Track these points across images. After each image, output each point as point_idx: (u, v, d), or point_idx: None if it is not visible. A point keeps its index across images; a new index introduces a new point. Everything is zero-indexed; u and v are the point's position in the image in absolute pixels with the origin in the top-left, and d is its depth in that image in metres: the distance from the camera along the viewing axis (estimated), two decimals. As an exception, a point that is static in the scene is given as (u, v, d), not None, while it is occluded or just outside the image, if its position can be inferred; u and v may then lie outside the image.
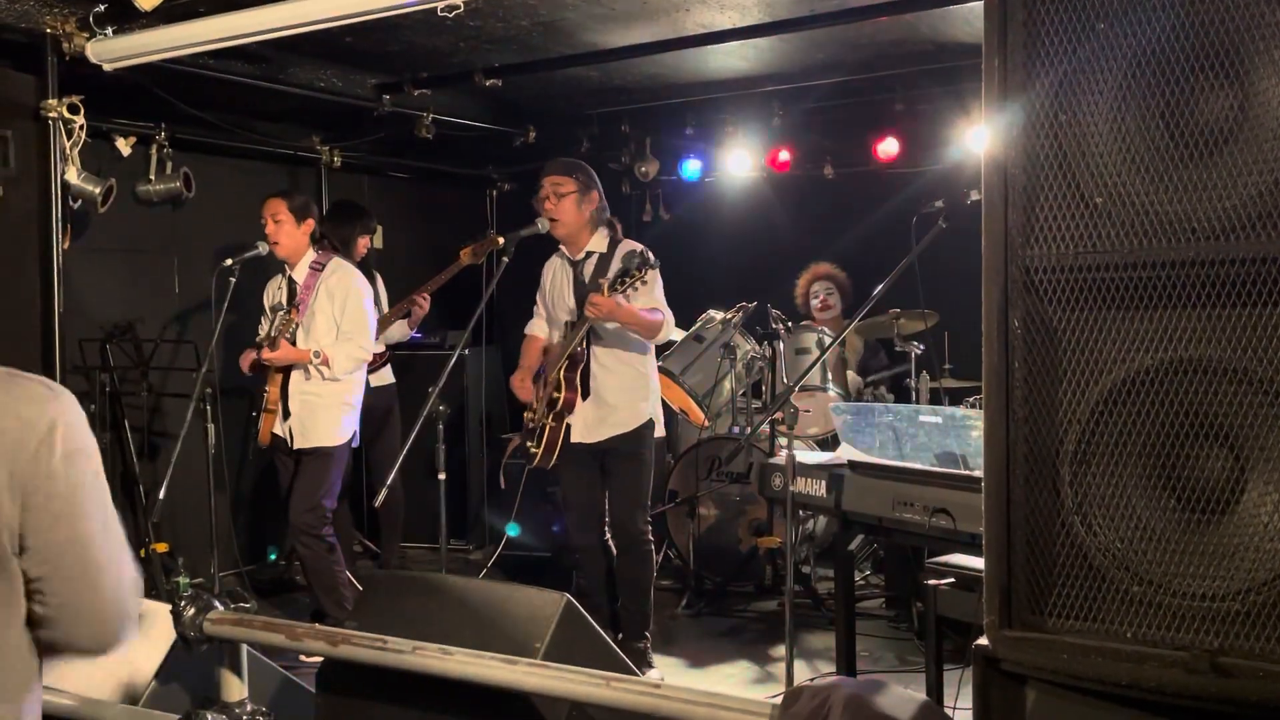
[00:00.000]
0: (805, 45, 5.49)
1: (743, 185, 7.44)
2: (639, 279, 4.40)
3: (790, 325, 6.06)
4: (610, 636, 2.80)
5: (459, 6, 3.88)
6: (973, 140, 6.00)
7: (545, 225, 4.67)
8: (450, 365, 4.20)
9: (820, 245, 6.83)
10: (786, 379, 5.81)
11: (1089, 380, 1.84)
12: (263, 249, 5.10)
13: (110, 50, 4.60)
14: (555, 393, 4.65)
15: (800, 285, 6.62)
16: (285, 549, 6.42)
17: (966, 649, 2.07)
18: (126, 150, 5.67)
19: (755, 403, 6.12)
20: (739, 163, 7.15)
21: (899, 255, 3.99)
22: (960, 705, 3.01)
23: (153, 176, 5.94)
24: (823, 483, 3.84)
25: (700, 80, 6.18)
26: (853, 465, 3.79)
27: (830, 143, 7.06)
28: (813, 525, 5.81)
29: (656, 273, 4.53)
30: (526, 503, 6.27)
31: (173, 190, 5.98)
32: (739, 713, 1.83)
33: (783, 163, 7.04)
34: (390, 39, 5.12)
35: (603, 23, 4.94)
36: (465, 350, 6.10)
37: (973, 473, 3.39)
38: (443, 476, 4.29)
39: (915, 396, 5.68)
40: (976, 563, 2.91)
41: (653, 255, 4.49)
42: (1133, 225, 1.79)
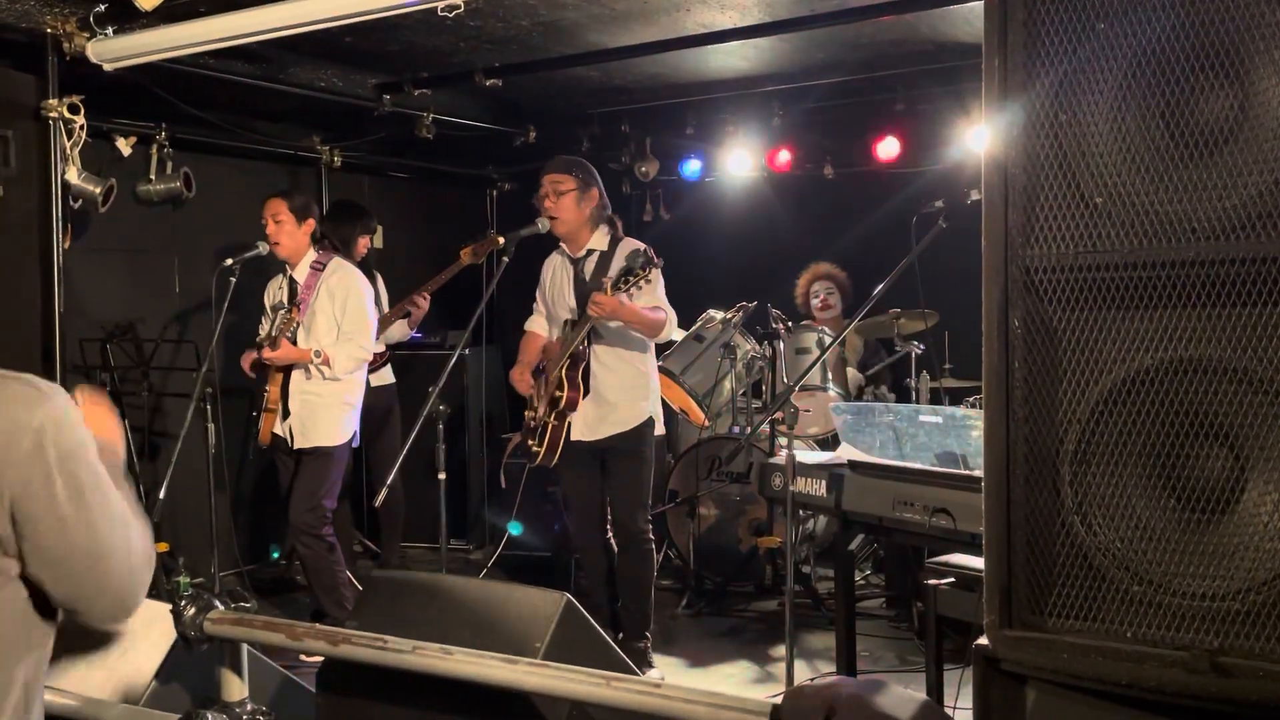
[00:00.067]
0: (805, 45, 5.49)
1: (743, 185, 7.44)
2: (643, 278, 4.39)
3: (790, 325, 6.06)
4: (610, 636, 2.80)
5: (459, 6, 3.88)
6: (973, 140, 6.00)
7: (545, 225, 4.67)
8: (450, 365, 4.20)
9: (820, 245, 6.83)
10: (786, 379, 5.80)
11: (1089, 380, 1.84)
12: (263, 249, 5.10)
13: (110, 50, 4.60)
14: (558, 391, 4.65)
15: (800, 285, 6.62)
16: (286, 549, 6.43)
17: (967, 649, 2.07)
18: (127, 150, 5.67)
19: (755, 402, 6.11)
20: (739, 163, 7.15)
21: (899, 255, 3.99)
22: (960, 705, 3.00)
23: (153, 176, 5.94)
24: (823, 482, 3.84)
25: (700, 80, 6.18)
26: (853, 465, 3.79)
27: (830, 143, 7.06)
28: (813, 525, 5.81)
29: (659, 271, 4.52)
30: (527, 502, 6.27)
31: (173, 190, 5.98)
32: (739, 712, 1.83)
33: (783, 163, 7.04)
34: (390, 39, 5.12)
35: (603, 23, 4.94)
36: (465, 350, 6.10)
37: (973, 473, 3.39)
38: (443, 476, 4.29)
39: (915, 396, 5.69)
40: (976, 562, 2.91)
41: (655, 254, 4.49)
42: (1133, 225, 1.79)
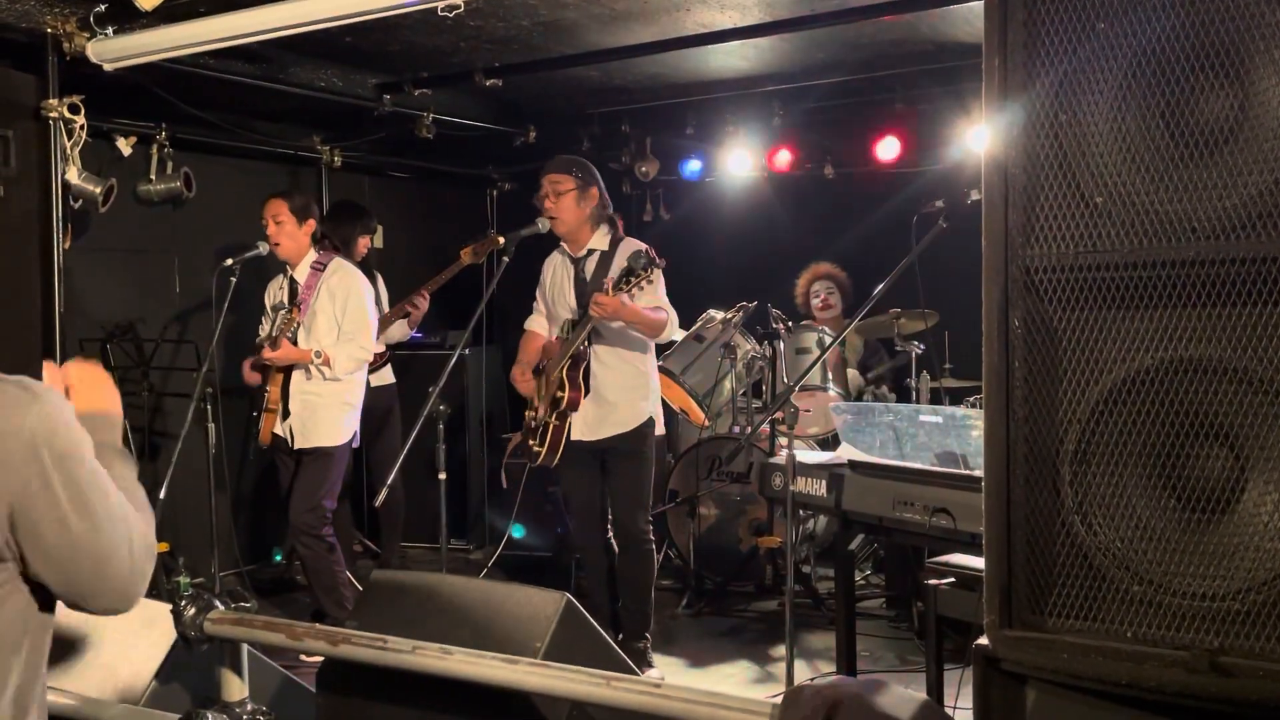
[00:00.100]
0: (805, 45, 5.49)
1: (743, 185, 7.43)
2: (644, 279, 4.38)
3: (790, 325, 6.06)
4: (610, 636, 2.80)
5: (459, 6, 3.88)
6: (973, 140, 5.99)
7: (546, 225, 4.67)
8: (451, 365, 4.21)
9: (820, 245, 6.82)
10: (787, 379, 5.80)
11: (1089, 380, 1.84)
12: (263, 249, 5.10)
13: (111, 50, 4.60)
14: (559, 392, 4.65)
15: (800, 285, 6.61)
16: (286, 549, 6.42)
17: (967, 649, 2.07)
18: (127, 150, 5.67)
19: (755, 402, 6.11)
20: (739, 163, 7.14)
21: (899, 255, 3.99)
22: (960, 705, 3.00)
23: (153, 176, 5.94)
24: (823, 482, 3.84)
25: (700, 80, 6.18)
26: (853, 465, 3.79)
27: (830, 143, 7.05)
28: (813, 525, 5.81)
29: (660, 272, 4.52)
30: (527, 502, 6.27)
31: (173, 190, 5.98)
32: (739, 712, 1.82)
33: (783, 163, 7.04)
34: (390, 39, 5.12)
35: (603, 23, 4.94)
36: (466, 350, 6.10)
37: (973, 472, 3.39)
38: (443, 476, 4.30)
39: (915, 396, 5.69)
40: (977, 562, 2.90)
41: (657, 255, 4.48)
42: (1133, 225, 1.79)
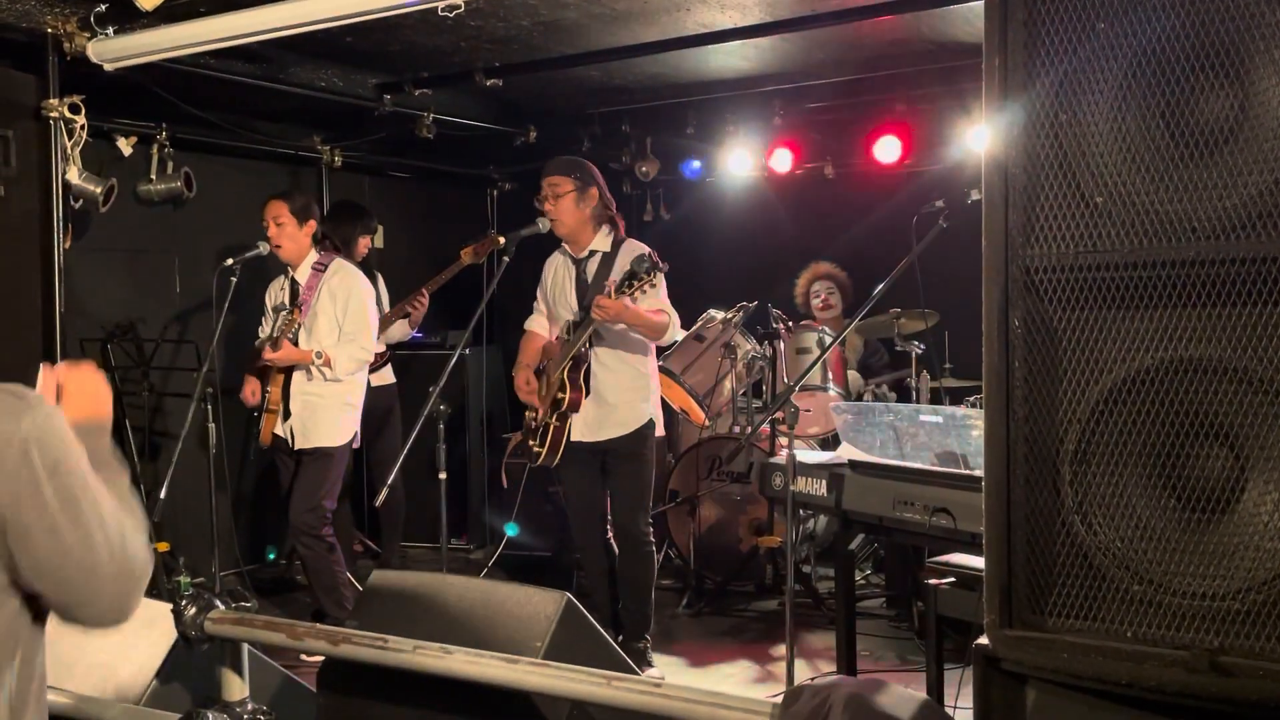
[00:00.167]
0: (806, 45, 5.49)
1: (743, 185, 7.43)
2: (647, 282, 4.39)
3: (791, 325, 6.06)
4: (611, 636, 2.80)
5: (459, 6, 3.89)
6: (973, 140, 6.00)
7: (546, 225, 4.68)
8: (451, 365, 4.21)
9: (820, 245, 6.82)
10: (787, 378, 5.80)
11: (1089, 380, 1.84)
12: (263, 249, 5.10)
13: (111, 50, 4.60)
14: (560, 393, 4.65)
15: (800, 285, 6.61)
16: (285, 549, 6.42)
17: (967, 648, 2.07)
18: (127, 150, 5.67)
19: (756, 402, 6.11)
20: (739, 163, 7.15)
21: (899, 255, 3.99)
22: (960, 705, 3.00)
23: (154, 176, 5.94)
24: (823, 482, 3.84)
25: (700, 80, 6.18)
26: (853, 465, 3.79)
27: (830, 143, 7.06)
28: (813, 525, 5.81)
29: (662, 275, 4.52)
30: (527, 502, 6.27)
31: (173, 190, 5.98)
32: (740, 712, 1.83)
33: (783, 163, 7.04)
34: (391, 39, 5.12)
35: (603, 23, 4.94)
36: (466, 350, 6.10)
37: (973, 472, 3.39)
38: (443, 476, 4.30)
39: (915, 396, 5.69)
40: (977, 562, 2.91)
41: (659, 259, 4.49)
42: (1133, 225, 1.79)
